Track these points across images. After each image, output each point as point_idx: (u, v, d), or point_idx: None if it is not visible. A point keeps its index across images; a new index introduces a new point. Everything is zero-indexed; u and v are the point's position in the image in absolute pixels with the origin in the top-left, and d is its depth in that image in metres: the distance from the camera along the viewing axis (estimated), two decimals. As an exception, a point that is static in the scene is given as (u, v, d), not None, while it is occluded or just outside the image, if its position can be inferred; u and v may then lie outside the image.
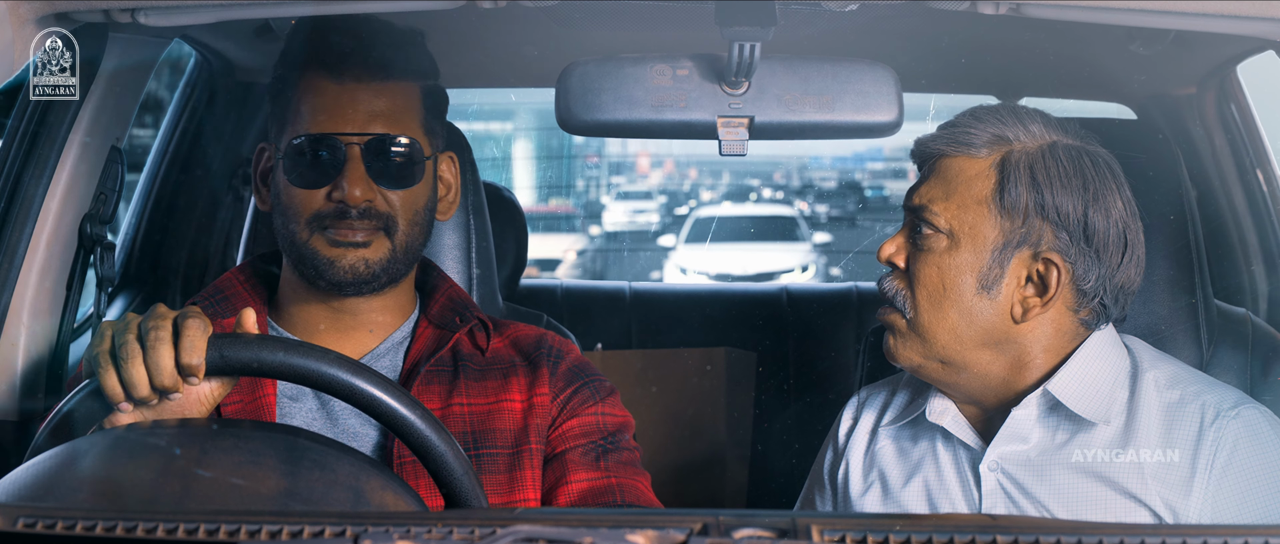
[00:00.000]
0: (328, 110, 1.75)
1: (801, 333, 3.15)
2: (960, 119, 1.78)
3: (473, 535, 1.09)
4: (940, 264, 1.74)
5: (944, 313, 1.74)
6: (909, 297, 1.76)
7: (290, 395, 1.78)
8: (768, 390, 3.05)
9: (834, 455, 1.96)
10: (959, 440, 1.81)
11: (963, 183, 1.74)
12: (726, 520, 1.13)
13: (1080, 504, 1.70)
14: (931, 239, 1.75)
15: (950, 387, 1.79)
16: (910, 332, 1.76)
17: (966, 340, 1.74)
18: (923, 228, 1.75)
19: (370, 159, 1.75)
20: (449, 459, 1.40)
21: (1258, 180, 2.49)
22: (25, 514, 1.14)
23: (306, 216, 1.75)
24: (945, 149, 1.77)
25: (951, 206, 1.74)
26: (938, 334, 1.74)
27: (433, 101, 1.85)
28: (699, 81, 1.63)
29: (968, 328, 1.73)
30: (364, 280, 1.76)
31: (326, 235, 1.75)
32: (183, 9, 1.68)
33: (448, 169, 1.91)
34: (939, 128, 1.80)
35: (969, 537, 1.10)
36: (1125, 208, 1.74)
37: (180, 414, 1.48)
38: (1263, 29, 1.63)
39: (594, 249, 17.75)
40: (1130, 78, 2.67)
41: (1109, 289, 1.74)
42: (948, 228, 1.74)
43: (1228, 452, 1.69)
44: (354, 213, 1.74)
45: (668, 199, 22.19)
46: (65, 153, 2.04)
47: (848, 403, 1.99)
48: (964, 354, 1.75)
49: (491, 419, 1.79)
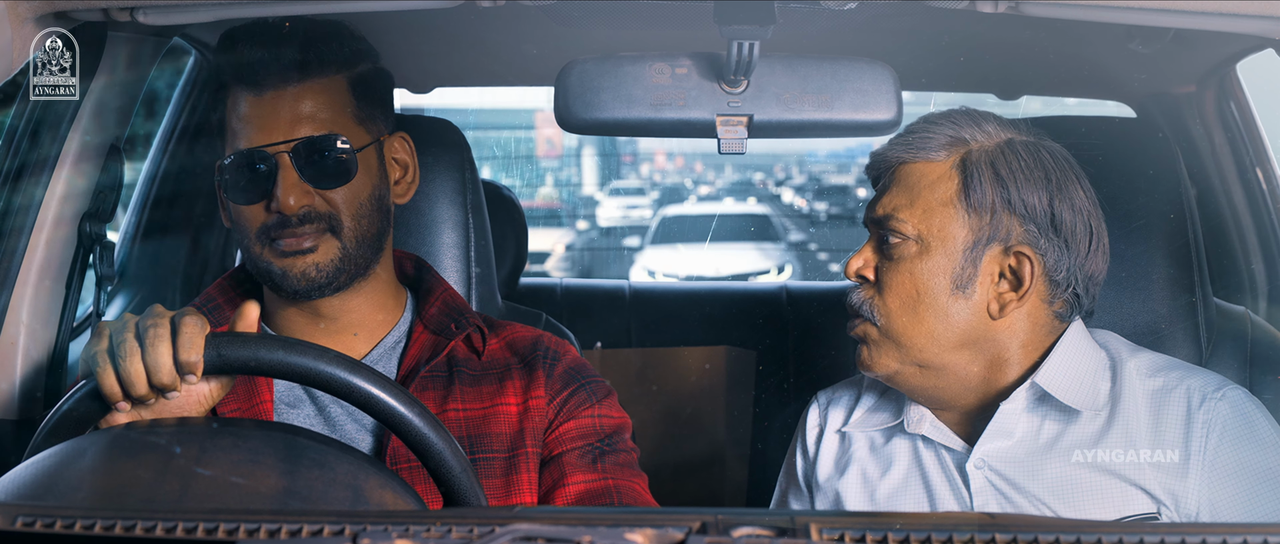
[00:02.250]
0: (252, 123, 1.74)
1: (802, 331, 3.15)
2: (914, 126, 1.79)
3: (471, 534, 1.08)
4: (912, 270, 1.74)
5: (920, 318, 1.74)
6: (881, 305, 1.76)
7: (288, 402, 1.78)
8: (768, 389, 3.05)
9: (805, 462, 1.95)
10: (939, 444, 1.81)
11: (925, 187, 1.75)
12: (726, 519, 1.13)
13: (1079, 496, 1.71)
14: (900, 246, 1.75)
15: (927, 391, 1.79)
16: (885, 339, 1.77)
17: (944, 342, 1.74)
18: (890, 237, 1.76)
19: (301, 164, 1.73)
20: (447, 457, 1.40)
21: (1257, 178, 2.49)
22: (24, 513, 1.14)
23: (254, 231, 1.75)
24: (903, 156, 1.78)
25: (917, 212, 1.75)
26: (914, 339, 1.75)
27: (364, 89, 1.82)
28: (698, 80, 1.63)
29: (945, 330, 1.74)
30: (321, 283, 1.76)
31: (275, 247, 1.74)
32: (182, 8, 1.68)
33: (401, 150, 1.89)
34: (892, 138, 1.80)
35: (968, 535, 1.10)
36: (1087, 197, 1.76)
37: (178, 414, 1.48)
38: (1262, 27, 1.63)
39: (582, 245, 17.55)
40: (1130, 76, 2.67)
41: (1080, 279, 1.75)
42: (915, 233, 1.74)
43: (1218, 433, 1.70)
44: (294, 220, 1.73)
45: (661, 195, 22.05)
46: (64, 152, 2.04)
47: (809, 409, 1.98)
48: (942, 356, 1.75)
49: (487, 423, 1.79)
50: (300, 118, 1.74)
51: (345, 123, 1.78)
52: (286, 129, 1.74)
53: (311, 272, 1.74)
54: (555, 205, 18.87)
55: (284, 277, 1.75)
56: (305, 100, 1.75)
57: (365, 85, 1.82)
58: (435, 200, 2.14)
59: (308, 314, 1.82)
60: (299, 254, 1.74)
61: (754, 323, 3.14)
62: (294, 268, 1.74)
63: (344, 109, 1.78)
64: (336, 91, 1.79)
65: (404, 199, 1.89)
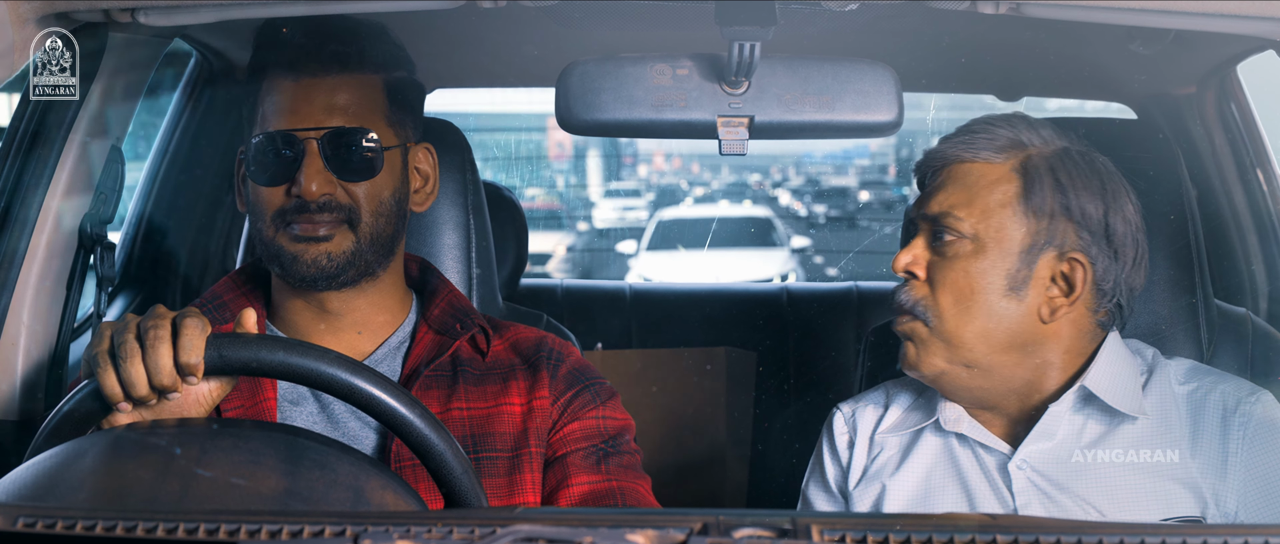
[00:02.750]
0: (286, 107, 1.76)
1: (802, 332, 3.15)
2: (973, 126, 1.81)
3: (473, 535, 1.08)
4: (967, 269, 1.75)
5: (972, 317, 1.75)
6: (933, 304, 1.76)
7: (291, 399, 1.78)
8: (768, 390, 3.05)
9: (838, 469, 1.95)
10: (977, 443, 1.82)
11: (984, 187, 1.77)
12: (726, 520, 1.13)
13: (1127, 496, 1.74)
14: (955, 245, 1.76)
15: (971, 392, 1.80)
16: (934, 338, 1.76)
17: (995, 343, 1.75)
18: (945, 234, 1.77)
19: (329, 153, 1.75)
20: (448, 458, 1.40)
21: (1258, 180, 2.49)
22: (25, 514, 1.14)
23: (271, 213, 1.76)
24: (963, 155, 1.79)
25: (975, 211, 1.76)
26: (965, 338, 1.75)
27: (398, 93, 1.84)
28: (699, 81, 1.63)
29: (996, 330, 1.75)
30: (330, 274, 1.76)
31: (290, 231, 1.75)
32: (182, 8, 1.68)
33: (424, 160, 1.90)
34: (947, 138, 1.82)
35: (969, 536, 1.10)
36: (1135, 210, 1.79)
37: (179, 415, 1.48)
38: (1263, 28, 1.63)
39: (582, 246, 17.40)
40: (1130, 77, 2.67)
41: (1124, 290, 1.78)
42: (972, 232, 1.75)
43: (1253, 435, 1.74)
44: (313, 206, 1.74)
45: (657, 196, 21.96)
46: (65, 152, 2.04)
47: (834, 417, 1.98)
48: (991, 357, 1.76)
49: (491, 423, 1.79)
50: (334, 108, 1.76)
51: (376, 121, 1.80)
52: (319, 116, 1.75)
53: (323, 260, 1.75)
54: (556, 207, 18.88)
55: (294, 261, 1.75)
56: (341, 92, 1.77)
57: (399, 90, 1.85)
58: (436, 201, 2.14)
59: (314, 309, 1.82)
60: (313, 240, 1.74)
61: (754, 324, 3.15)
62: (306, 254, 1.75)
63: (377, 108, 1.80)
64: (372, 89, 1.81)
65: (422, 208, 1.91)
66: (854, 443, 1.93)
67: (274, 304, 1.86)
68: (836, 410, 1.98)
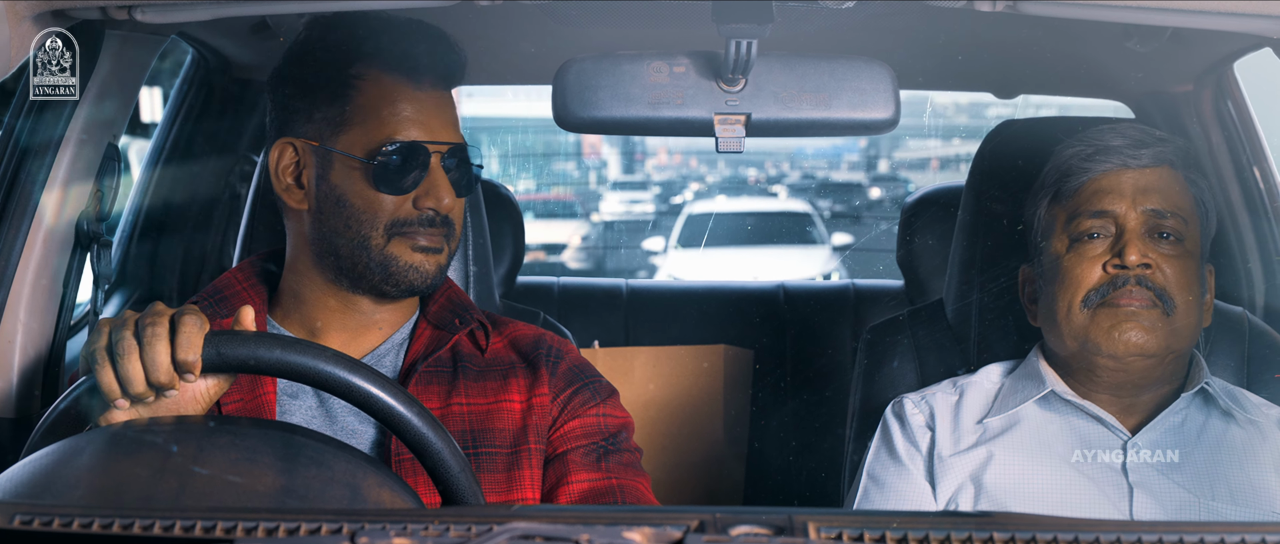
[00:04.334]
0: (412, 118, 1.76)
1: (799, 330, 3.15)
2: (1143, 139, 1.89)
3: (469, 533, 1.08)
4: (1183, 266, 1.85)
5: (1191, 310, 1.84)
6: (1169, 296, 1.84)
7: (290, 393, 1.78)
8: (765, 387, 3.05)
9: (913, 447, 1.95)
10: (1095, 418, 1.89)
11: (1176, 192, 1.87)
12: (723, 517, 1.13)
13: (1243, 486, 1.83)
14: (1171, 243, 1.85)
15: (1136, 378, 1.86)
16: (1166, 326, 1.83)
17: (1192, 337, 1.86)
18: (1164, 233, 1.85)
19: (449, 166, 1.78)
20: (445, 456, 1.40)
21: (1254, 177, 2.49)
22: (22, 511, 1.14)
23: (386, 222, 1.75)
24: (1170, 157, 1.88)
25: (1180, 214, 1.86)
26: (1184, 330, 1.84)
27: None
28: (696, 79, 1.63)
29: (1196, 325, 1.86)
30: (433, 285, 1.79)
31: (412, 241, 1.76)
32: (179, 6, 1.68)
33: None
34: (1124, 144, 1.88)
35: (966, 533, 1.10)
36: None
37: (177, 412, 1.48)
38: (1259, 26, 1.63)
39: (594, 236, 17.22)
40: (1127, 75, 2.68)
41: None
42: (1180, 232, 1.86)
43: None
44: (439, 220, 1.76)
45: (661, 189, 21.93)
46: (62, 150, 2.04)
47: (902, 403, 1.99)
48: (1184, 347, 1.87)
49: (491, 419, 1.79)
50: (449, 123, 1.79)
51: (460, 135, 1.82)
52: (440, 130, 1.77)
53: (433, 272, 1.78)
54: (569, 198, 18.94)
55: (409, 271, 1.76)
56: (449, 107, 1.80)
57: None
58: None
59: (350, 311, 1.82)
60: (432, 252, 1.77)
61: (751, 321, 3.14)
62: (425, 265, 1.77)
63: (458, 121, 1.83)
64: (455, 104, 1.84)
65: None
66: (933, 424, 1.95)
67: (282, 302, 1.85)
68: (901, 399, 2.00)
